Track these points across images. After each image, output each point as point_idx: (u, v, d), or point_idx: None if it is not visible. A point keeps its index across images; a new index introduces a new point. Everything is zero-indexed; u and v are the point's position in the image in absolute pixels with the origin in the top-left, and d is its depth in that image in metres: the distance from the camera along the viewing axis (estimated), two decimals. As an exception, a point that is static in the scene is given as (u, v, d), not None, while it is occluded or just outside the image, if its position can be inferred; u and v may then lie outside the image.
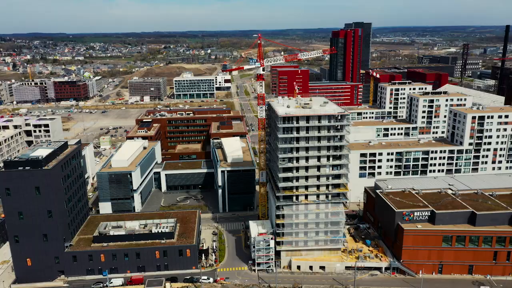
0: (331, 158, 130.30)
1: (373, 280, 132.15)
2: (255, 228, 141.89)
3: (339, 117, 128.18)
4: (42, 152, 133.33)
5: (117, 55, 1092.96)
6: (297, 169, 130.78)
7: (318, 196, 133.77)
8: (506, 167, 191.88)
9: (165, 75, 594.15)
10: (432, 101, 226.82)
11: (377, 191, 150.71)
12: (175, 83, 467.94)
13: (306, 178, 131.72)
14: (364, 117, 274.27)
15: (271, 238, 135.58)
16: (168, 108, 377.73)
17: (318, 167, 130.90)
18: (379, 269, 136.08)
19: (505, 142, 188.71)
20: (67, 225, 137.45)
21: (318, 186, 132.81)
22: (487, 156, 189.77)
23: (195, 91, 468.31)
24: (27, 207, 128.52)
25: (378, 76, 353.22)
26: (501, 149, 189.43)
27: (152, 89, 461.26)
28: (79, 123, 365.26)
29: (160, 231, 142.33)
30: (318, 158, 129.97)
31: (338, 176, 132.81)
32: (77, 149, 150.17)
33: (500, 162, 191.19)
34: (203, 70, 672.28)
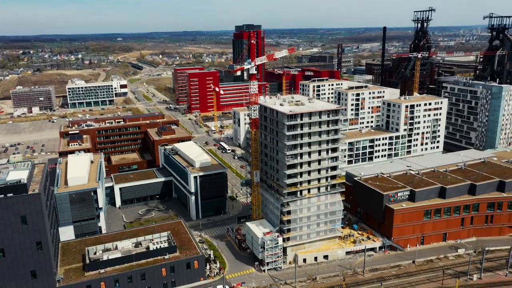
0: (329, 151, 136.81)
1: (374, 260, 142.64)
2: (257, 229, 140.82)
3: (335, 112, 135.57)
4: (19, 174, 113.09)
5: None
6: (301, 164, 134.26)
7: (319, 188, 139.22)
8: (431, 148, 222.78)
9: (45, 83, 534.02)
10: (358, 94, 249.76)
11: (355, 178, 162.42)
12: (69, 91, 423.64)
13: (309, 172, 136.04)
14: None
15: (278, 236, 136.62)
16: (67, 119, 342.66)
17: (319, 161, 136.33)
18: (373, 249, 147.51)
19: (429, 126, 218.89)
20: (53, 256, 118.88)
21: (319, 179, 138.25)
22: (417, 140, 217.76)
23: (92, 98, 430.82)
24: (10, 242, 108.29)
25: (309, 74, 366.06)
26: (427, 133, 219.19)
27: (41, 99, 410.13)
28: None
29: (158, 247, 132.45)
30: (319, 152, 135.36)
31: (334, 168, 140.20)
32: (45, 169, 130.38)
33: (426, 143, 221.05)
34: (86, 76, 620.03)
